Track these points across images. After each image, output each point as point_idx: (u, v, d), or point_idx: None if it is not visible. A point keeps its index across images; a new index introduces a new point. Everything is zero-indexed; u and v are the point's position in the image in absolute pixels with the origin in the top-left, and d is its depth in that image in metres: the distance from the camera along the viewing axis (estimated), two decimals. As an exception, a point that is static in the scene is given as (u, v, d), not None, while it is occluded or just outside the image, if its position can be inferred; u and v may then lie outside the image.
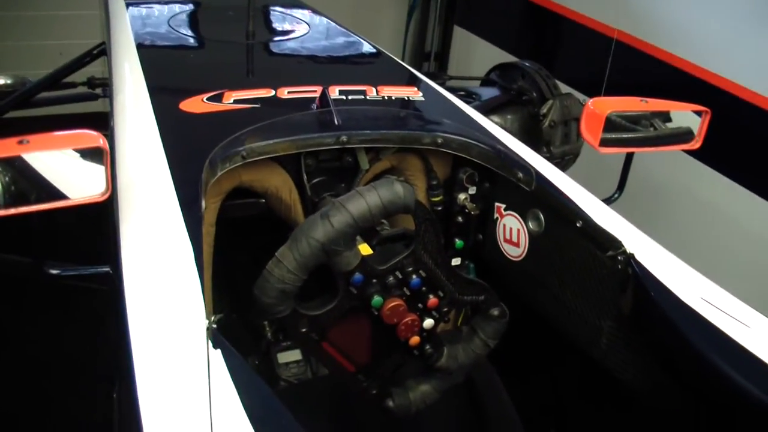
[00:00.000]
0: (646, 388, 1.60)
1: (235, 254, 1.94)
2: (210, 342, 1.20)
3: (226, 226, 1.68)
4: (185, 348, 1.21)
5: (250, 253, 1.83)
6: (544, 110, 3.03)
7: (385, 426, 1.94)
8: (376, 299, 1.57)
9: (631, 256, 1.57)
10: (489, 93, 3.19)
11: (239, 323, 2.06)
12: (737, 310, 1.48)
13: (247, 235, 1.96)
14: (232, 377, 1.15)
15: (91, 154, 1.48)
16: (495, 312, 1.70)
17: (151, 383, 1.16)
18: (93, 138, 1.44)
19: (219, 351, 1.20)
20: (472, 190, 1.91)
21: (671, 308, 1.48)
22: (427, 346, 1.68)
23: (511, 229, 1.86)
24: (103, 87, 3.22)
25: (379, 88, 2.00)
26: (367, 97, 1.95)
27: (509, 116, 3.08)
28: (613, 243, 1.59)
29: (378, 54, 2.58)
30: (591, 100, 1.83)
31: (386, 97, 1.97)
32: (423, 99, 2.02)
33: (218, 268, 1.62)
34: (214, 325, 1.22)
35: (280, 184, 1.78)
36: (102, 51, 2.98)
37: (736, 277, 2.05)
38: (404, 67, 2.55)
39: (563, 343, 1.77)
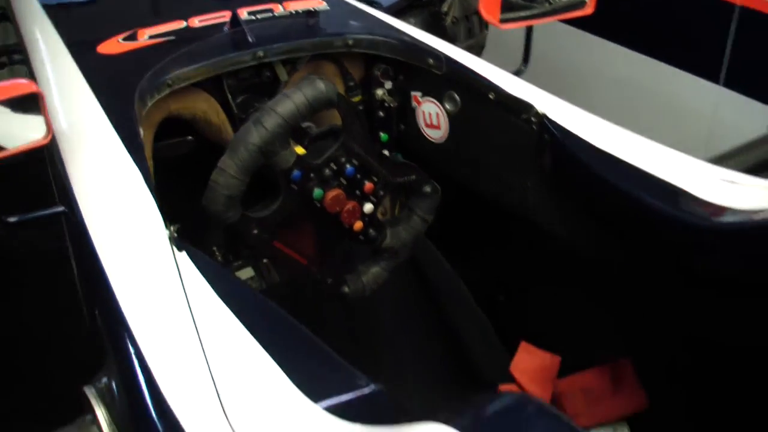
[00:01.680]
0: (577, 239, 1.76)
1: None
2: (174, 246, 1.32)
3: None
4: (154, 258, 1.32)
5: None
6: (445, 8, 3.14)
7: (345, 313, 2.08)
8: (317, 192, 1.69)
9: (543, 115, 1.71)
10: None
11: None
12: (647, 148, 1.65)
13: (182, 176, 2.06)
14: (201, 273, 1.27)
15: (22, 102, 1.55)
16: (427, 189, 1.84)
17: (130, 295, 1.27)
18: (26, 86, 1.51)
19: (184, 253, 1.31)
20: (389, 85, 2.03)
21: (586, 156, 1.63)
22: (371, 230, 1.82)
23: (430, 114, 1.99)
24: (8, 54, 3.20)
25: (285, 4, 2.09)
26: (275, 14, 2.04)
27: (412, 19, 3.18)
28: (525, 106, 1.73)
29: None
30: (486, -17, 1.96)
31: (293, 11, 2.06)
32: (329, 8, 2.12)
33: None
34: (175, 233, 1.33)
35: (206, 107, 1.88)
36: None
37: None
38: None
39: (496, 212, 1.91)
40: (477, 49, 3.19)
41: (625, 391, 1.76)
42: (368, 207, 1.78)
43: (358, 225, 1.79)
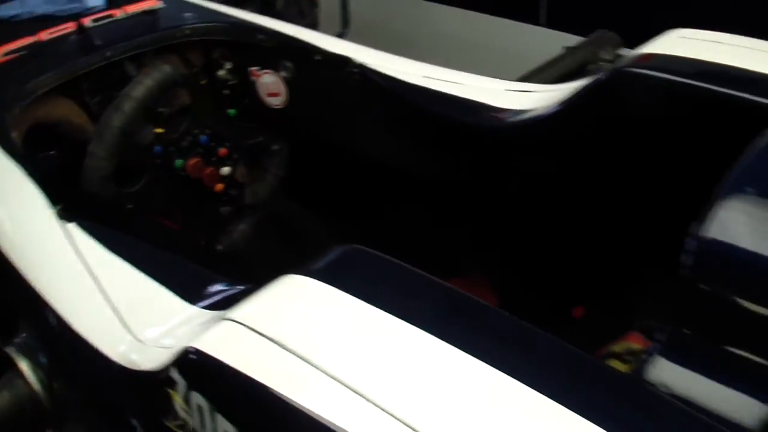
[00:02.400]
0: (412, 166, 2.06)
1: None
2: (62, 220, 1.56)
3: None
4: (47, 232, 1.55)
5: None
6: (273, -7, 3.41)
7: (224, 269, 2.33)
8: (178, 161, 1.95)
9: (362, 65, 2.01)
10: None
11: None
12: (455, 77, 1.96)
13: None
14: (89, 234, 1.52)
15: None
16: (275, 147, 2.13)
17: (31, 264, 1.50)
18: None
19: (74, 223, 1.55)
20: (229, 65, 2.29)
21: (402, 90, 1.94)
22: (231, 190, 2.09)
23: (269, 84, 2.27)
24: None
25: (123, 8, 2.33)
26: (116, 18, 2.28)
27: (247, 8, 3.42)
28: (347, 60, 2.03)
29: None
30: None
31: (133, 13, 2.30)
32: (165, 6, 2.37)
33: None
34: (60, 210, 1.56)
35: (67, 110, 2.10)
36: None
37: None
38: None
39: (342, 157, 2.20)
40: (311, 27, 3.46)
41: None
42: (226, 170, 2.06)
43: (219, 187, 2.06)
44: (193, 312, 1.28)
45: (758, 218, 0.98)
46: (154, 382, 1.16)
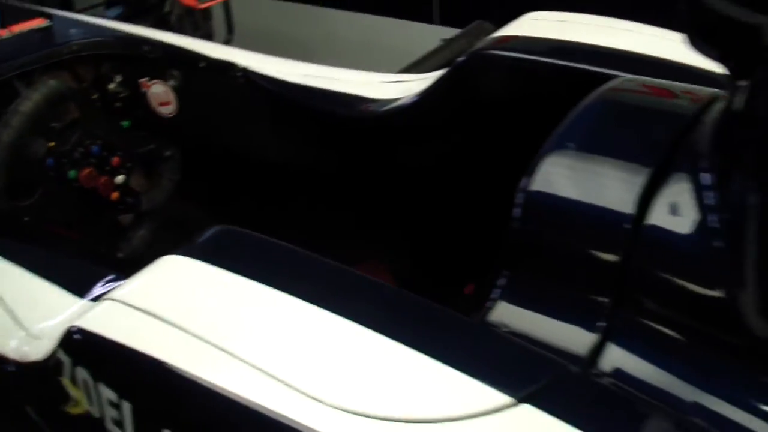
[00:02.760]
0: (301, 162, 2.16)
1: None
2: None
3: None
4: None
5: None
6: (166, 8, 3.48)
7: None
8: (71, 173, 2.01)
9: (246, 69, 2.10)
10: (115, 12, 3.58)
11: None
12: (335, 73, 2.06)
13: None
14: None
15: None
16: (168, 153, 2.20)
17: None
18: None
19: None
20: (119, 78, 2.35)
21: (283, 90, 2.03)
22: (128, 198, 2.16)
23: (159, 94, 2.34)
24: None
25: (10, 28, 2.37)
26: (3, 38, 2.32)
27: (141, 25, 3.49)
28: (231, 65, 2.12)
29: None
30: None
31: (19, 33, 2.35)
32: (52, 24, 2.42)
33: None
34: None
35: None
36: None
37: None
38: (27, 6, 2.90)
39: (236, 160, 2.28)
40: (206, 39, 3.54)
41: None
42: (120, 178, 2.12)
43: (115, 195, 2.12)
44: (84, 304, 1.36)
45: (576, 169, 1.10)
46: (46, 371, 1.23)
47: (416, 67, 2.47)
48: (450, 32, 3.44)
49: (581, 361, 1.00)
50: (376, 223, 2.12)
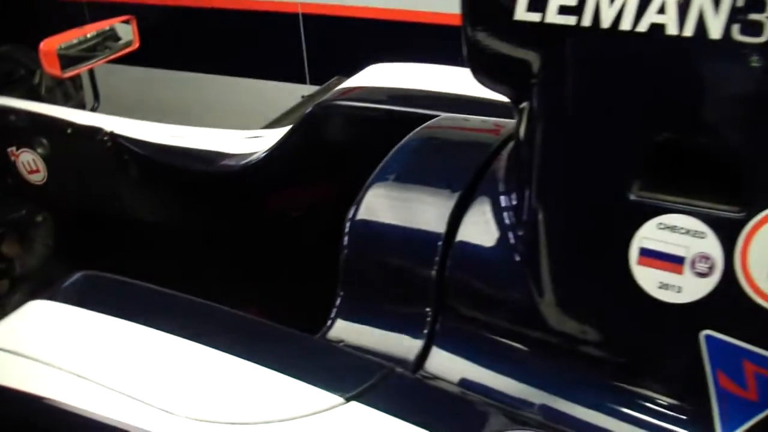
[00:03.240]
0: (172, 221, 2.25)
1: None
2: None
3: None
4: None
5: None
6: (36, 80, 3.54)
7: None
8: None
9: (113, 133, 2.19)
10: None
11: None
12: (200, 134, 2.17)
13: None
14: None
15: None
16: (39, 218, 2.27)
17: None
18: None
19: None
20: None
21: (147, 151, 2.13)
22: (1, 264, 2.21)
23: (28, 162, 2.40)
24: None
25: None
26: None
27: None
28: (98, 131, 2.21)
29: None
30: (41, 44, 2.42)
31: None
32: None
33: None
34: None
35: None
36: None
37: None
38: None
39: (109, 222, 2.36)
40: (79, 107, 3.60)
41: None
42: None
43: None
44: None
45: (395, 198, 1.25)
46: None
47: (278, 122, 2.61)
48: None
49: (409, 365, 1.13)
50: (250, 273, 2.23)
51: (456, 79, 1.79)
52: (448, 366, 1.14)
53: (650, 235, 0.99)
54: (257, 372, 1.07)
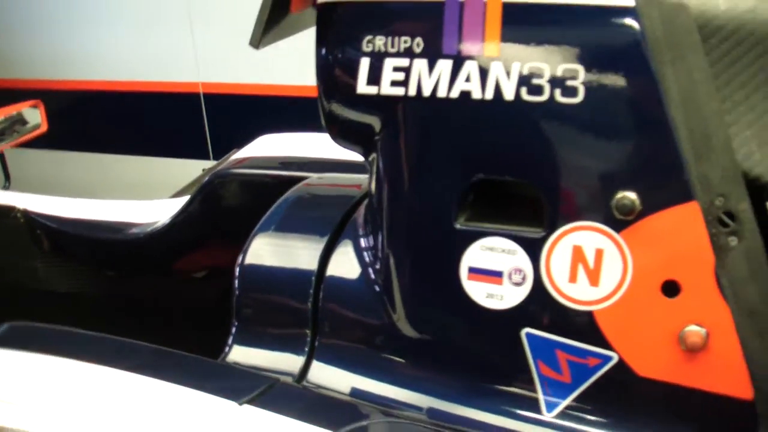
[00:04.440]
0: (81, 285, 2.43)
1: None
2: None
3: None
4: None
5: None
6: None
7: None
8: None
9: (25, 210, 2.37)
10: None
11: None
12: (106, 205, 2.37)
13: None
14: None
15: None
16: None
17: None
18: None
19: None
20: None
21: (56, 225, 2.32)
22: None
23: None
24: None
25: None
26: None
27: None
28: (10, 209, 2.38)
29: None
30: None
31: None
32: None
33: None
34: None
35: None
36: None
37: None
38: None
39: (28, 295, 2.52)
40: None
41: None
42: None
43: None
44: None
45: (275, 244, 1.50)
46: None
47: (181, 193, 2.82)
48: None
49: (294, 377, 1.37)
50: (159, 332, 2.41)
51: (332, 145, 2.06)
52: (326, 376, 1.38)
53: (475, 255, 1.25)
54: (166, 387, 1.28)
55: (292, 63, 3.41)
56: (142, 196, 3.92)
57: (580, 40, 1.16)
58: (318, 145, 2.08)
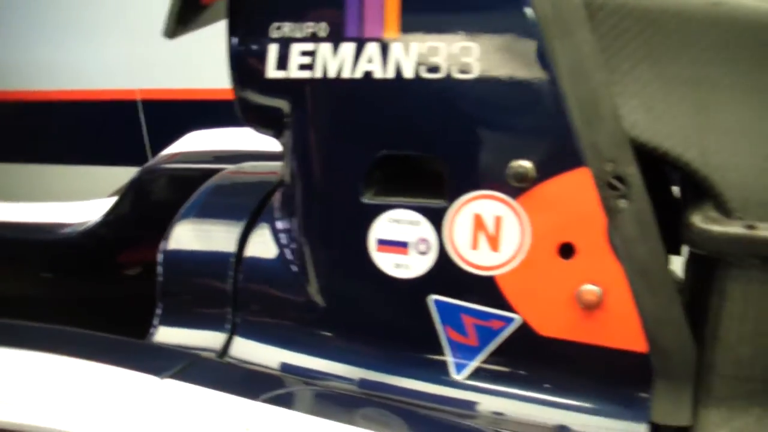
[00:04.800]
0: (29, 290, 2.44)
1: None
2: None
3: None
4: None
5: None
6: None
7: None
8: None
9: None
10: None
11: None
12: (46, 206, 2.39)
13: None
14: None
15: None
16: None
17: None
18: None
19: None
20: None
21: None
22: None
23: None
24: None
25: None
26: None
27: None
28: None
29: None
30: None
31: None
32: None
33: None
34: None
35: None
36: None
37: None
38: None
39: None
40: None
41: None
42: None
43: None
44: None
45: (195, 229, 1.55)
46: None
47: (116, 194, 2.85)
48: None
49: (217, 353, 1.42)
50: (99, 327, 2.44)
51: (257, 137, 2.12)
52: (248, 351, 1.44)
53: (383, 228, 1.31)
54: (88, 366, 1.32)
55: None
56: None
57: (474, 20, 1.23)
58: (244, 138, 2.14)
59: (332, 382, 1.38)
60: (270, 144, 1.85)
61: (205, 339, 1.45)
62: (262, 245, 1.47)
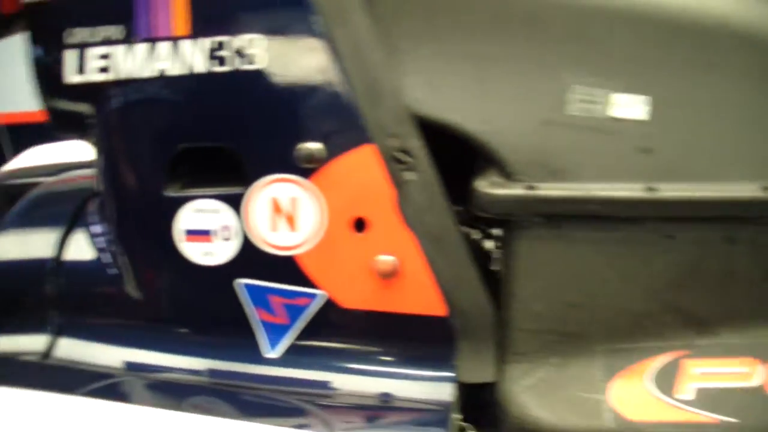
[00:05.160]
0: None
1: None
2: None
3: None
4: None
5: None
6: None
7: None
8: None
9: None
10: None
11: None
12: None
13: None
14: None
15: None
16: None
17: None
18: None
19: None
20: None
21: None
22: None
23: None
24: None
25: None
26: None
27: None
28: None
29: None
30: None
31: None
32: None
33: None
34: None
35: None
36: None
37: None
38: None
39: None
40: None
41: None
42: None
43: None
44: None
45: (12, 239, 1.57)
46: None
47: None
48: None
49: (39, 355, 1.44)
50: None
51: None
52: (72, 351, 1.46)
53: (188, 218, 1.36)
54: None
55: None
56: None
57: (258, 14, 1.30)
58: (76, 150, 2.16)
59: (157, 373, 1.42)
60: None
61: (27, 344, 1.48)
62: (81, 248, 1.50)
